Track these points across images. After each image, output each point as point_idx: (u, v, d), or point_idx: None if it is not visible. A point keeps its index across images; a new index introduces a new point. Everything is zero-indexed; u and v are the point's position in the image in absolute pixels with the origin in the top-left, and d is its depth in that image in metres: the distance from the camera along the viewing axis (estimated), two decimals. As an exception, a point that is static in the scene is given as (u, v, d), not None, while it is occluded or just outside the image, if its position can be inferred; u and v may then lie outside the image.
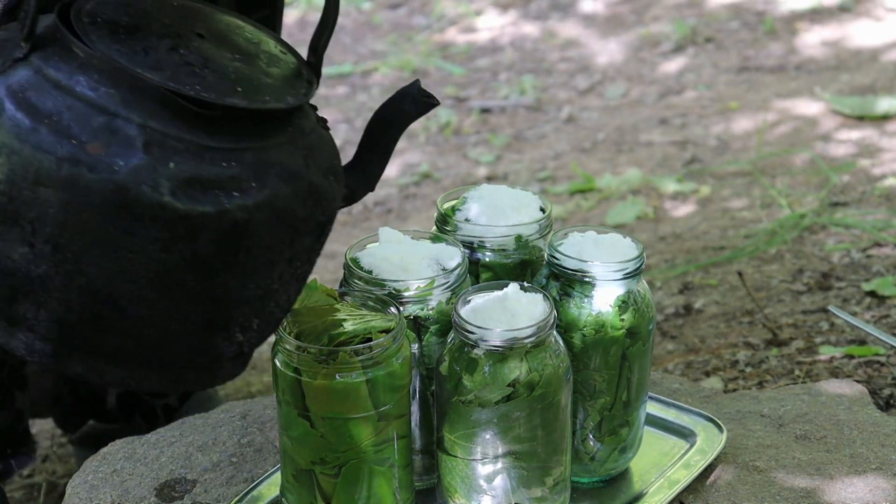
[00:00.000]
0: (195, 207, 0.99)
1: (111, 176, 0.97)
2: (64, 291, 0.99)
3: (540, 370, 1.16)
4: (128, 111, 0.99)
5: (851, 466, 1.34)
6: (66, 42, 1.00)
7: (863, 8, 3.60)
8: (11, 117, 0.98)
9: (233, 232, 1.01)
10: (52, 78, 0.99)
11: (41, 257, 0.98)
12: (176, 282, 1.00)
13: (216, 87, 1.02)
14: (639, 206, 2.59)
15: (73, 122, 0.98)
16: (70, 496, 1.35)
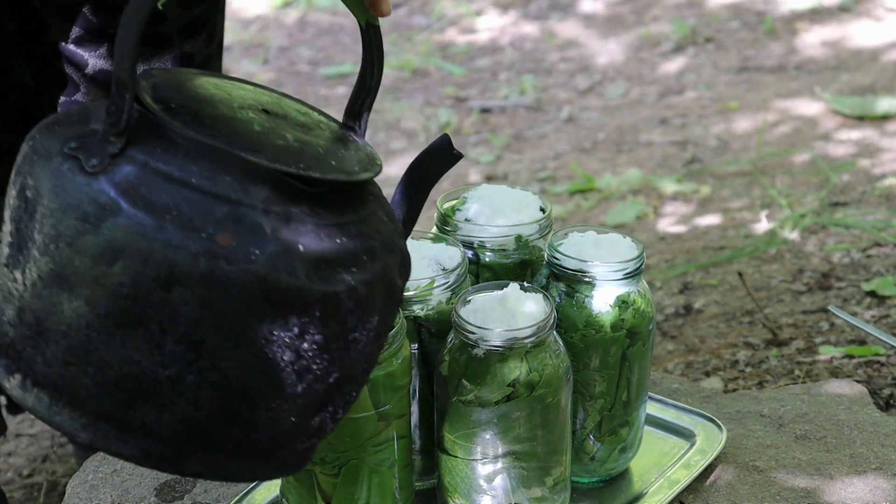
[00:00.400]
0: (328, 288, 0.96)
1: (249, 266, 0.93)
2: (195, 390, 0.95)
3: (540, 370, 1.16)
4: (247, 197, 0.95)
5: (851, 466, 1.34)
6: (163, 131, 0.96)
7: (863, 8, 3.60)
8: (132, 217, 0.92)
9: (357, 310, 0.99)
10: (163, 171, 0.94)
11: (172, 358, 0.94)
12: (306, 367, 0.97)
13: (315, 163, 1.00)
14: (639, 206, 2.59)
15: (196, 214, 0.93)
16: (70, 496, 1.35)
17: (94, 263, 0.93)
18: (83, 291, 0.93)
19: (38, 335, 0.96)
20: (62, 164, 0.95)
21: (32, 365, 0.97)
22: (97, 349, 0.94)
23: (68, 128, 0.99)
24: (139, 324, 0.93)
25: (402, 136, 3.27)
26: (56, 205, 0.94)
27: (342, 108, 1.16)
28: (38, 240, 0.95)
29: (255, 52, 3.86)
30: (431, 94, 3.54)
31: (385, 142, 3.24)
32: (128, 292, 0.93)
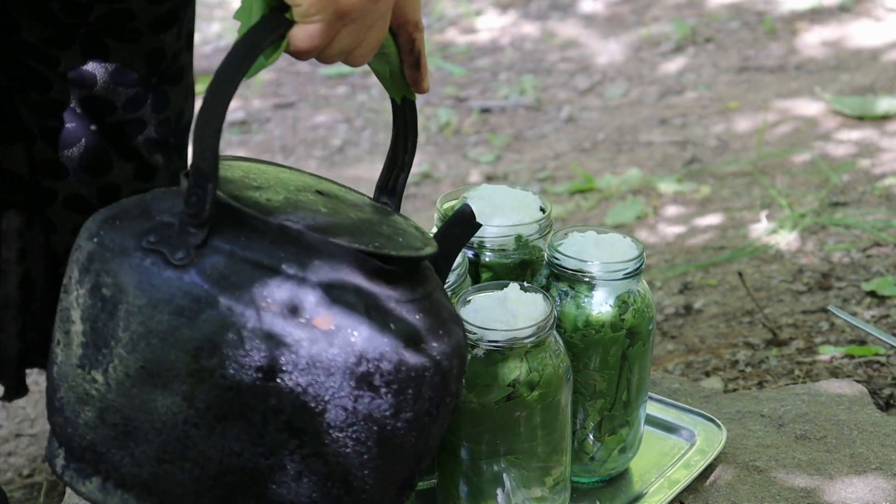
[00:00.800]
0: (420, 363, 0.96)
1: (351, 348, 0.92)
2: (296, 479, 0.94)
3: (540, 370, 1.16)
4: (337, 279, 0.94)
5: (851, 466, 1.34)
6: (240, 219, 0.95)
7: (863, 8, 3.60)
8: (229, 307, 0.91)
9: (441, 383, 0.99)
10: (251, 259, 0.93)
11: (274, 447, 0.93)
12: (399, 446, 0.97)
13: (387, 241, 1.00)
14: (639, 206, 2.59)
15: (291, 300, 0.93)
16: (70, 496, 1.35)
17: (192, 358, 0.91)
18: (180, 387, 0.92)
19: (125, 435, 0.94)
20: (143, 259, 0.93)
21: (118, 467, 0.95)
22: (196, 444, 0.93)
23: (133, 222, 0.97)
24: (241, 415, 0.92)
25: (402, 136, 3.27)
26: (144, 301, 0.92)
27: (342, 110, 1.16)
28: (125, 338, 0.93)
29: (255, 52, 3.86)
30: (431, 94, 3.54)
31: (385, 142, 3.25)
32: (229, 384, 0.92)
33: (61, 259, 1.61)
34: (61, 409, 0.98)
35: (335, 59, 1.04)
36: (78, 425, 0.97)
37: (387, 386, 0.94)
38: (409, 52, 1.10)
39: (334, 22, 0.99)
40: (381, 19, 1.03)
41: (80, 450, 0.97)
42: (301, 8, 0.98)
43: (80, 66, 1.48)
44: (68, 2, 1.43)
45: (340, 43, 1.01)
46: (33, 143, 1.53)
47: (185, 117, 1.61)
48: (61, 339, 0.99)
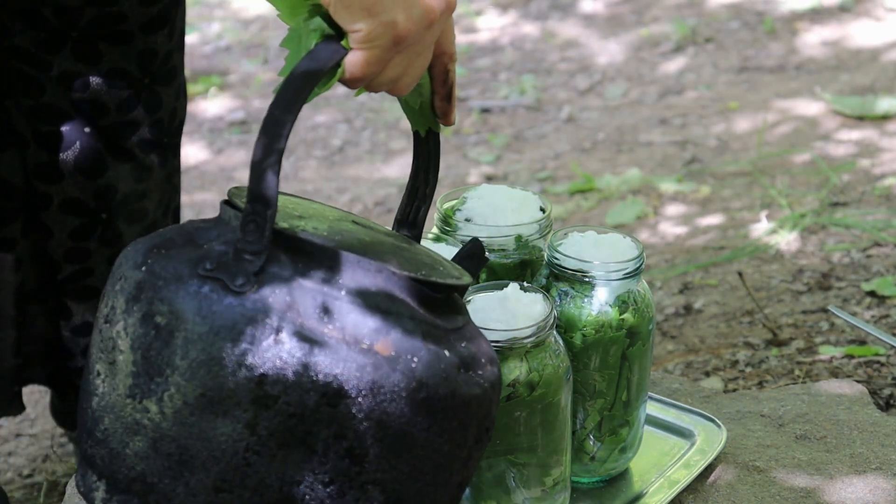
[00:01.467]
0: (471, 391, 0.96)
1: (412, 373, 0.92)
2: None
3: (540, 370, 1.16)
4: (394, 306, 0.95)
5: (851, 466, 1.34)
6: (296, 245, 0.95)
7: (863, 8, 3.60)
8: (293, 333, 0.91)
9: (488, 412, 1.00)
10: (311, 285, 0.94)
11: (335, 474, 0.92)
12: (449, 472, 0.97)
13: (431, 270, 1.01)
14: (639, 206, 2.59)
15: (353, 326, 0.93)
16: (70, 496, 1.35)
17: (256, 384, 0.91)
18: (242, 414, 0.91)
19: (180, 464, 0.93)
20: (201, 287, 0.93)
21: (170, 497, 0.94)
22: (256, 472, 0.92)
23: (182, 251, 0.97)
24: (303, 441, 0.92)
25: (402, 136, 3.27)
26: (204, 328, 0.92)
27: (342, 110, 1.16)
28: (182, 365, 0.92)
29: (255, 52, 3.86)
30: (431, 94, 3.53)
31: (385, 142, 3.24)
32: (293, 410, 0.91)
33: (59, 265, 1.60)
34: (105, 441, 0.97)
35: (383, 88, 1.04)
36: (126, 456, 0.96)
37: (443, 412, 0.95)
38: (443, 84, 1.10)
39: (390, 48, 0.99)
40: (427, 48, 1.04)
41: (127, 481, 0.96)
42: (360, 34, 0.98)
43: (73, 70, 1.48)
44: (60, 6, 1.43)
45: (392, 71, 1.02)
46: (26, 149, 1.53)
47: (177, 117, 1.61)
48: (103, 371, 0.97)
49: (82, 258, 1.60)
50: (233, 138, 3.35)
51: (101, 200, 1.57)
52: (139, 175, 1.58)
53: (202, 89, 3.60)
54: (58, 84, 1.49)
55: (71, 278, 1.62)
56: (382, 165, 3.11)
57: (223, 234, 0.98)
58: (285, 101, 0.95)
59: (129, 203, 1.59)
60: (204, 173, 3.17)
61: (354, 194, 2.91)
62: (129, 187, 1.58)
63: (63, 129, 1.52)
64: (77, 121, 1.51)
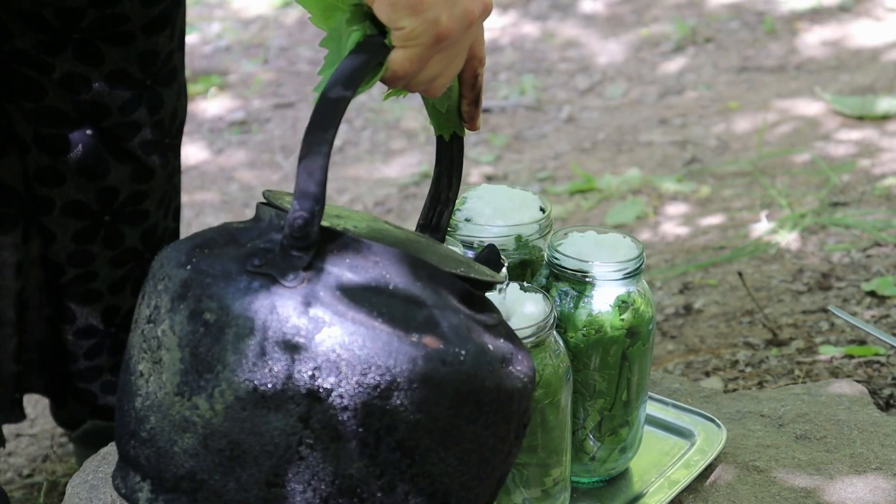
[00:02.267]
0: (513, 385, 0.98)
1: (461, 367, 0.93)
2: (404, 498, 0.95)
3: (540, 370, 1.16)
4: (440, 300, 0.96)
5: (851, 466, 1.34)
6: (343, 242, 0.96)
7: (863, 8, 3.60)
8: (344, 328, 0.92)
9: (527, 405, 1.01)
10: (361, 280, 0.95)
11: (386, 466, 0.93)
12: (492, 465, 0.98)
13: (468, 267, 1.02)
14: (639, 206, 2.59)
15: (403, 319, 0.94)
16: (70, 496, 1.35)
17: (310, 378, 0.92)
18: (296, 408, 0.92)
19: (231, 460, 0.94)
20: (251, 283, 0.94)
21: (220, 493, 0.94)
22: (309, 466, 0.93)
23: (226, 249, 0.98)
24: (355, 434, 0.92)
25: (402, 136, 3.27)
26: (257, 323, 0.92)
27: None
28: (233, 361, 0.92)
29: (255, 52, 3.86)
30: (431, 94, 3.53)
31: (385, 142, 3.25)
32: (346, 403, 0.92)
33: (62, 268, 1.60)
34: (151, 440, 0.97)
35: (420, 88, 1.05)
36: (174, 454, 0.96)
37: (489, 405, 0.96)
38: (472, 88, 1.11)
39: (432, 47, 1.00)
40: (464, 49, 1.05)
41: (175, 480, 0.96)
42: (404, 31, 0.99)
43: (75, 72, 1.48)
44: (61, 8, 1.43)
45: (430, 69, 1.03)
46: (27, 154, 1.53)
47: (178, 117, 1.60)
48: (146, 370, 0.98)
49: (86, 261, 1.60)
50: (233, 138, 3.35)
51: (104, 202, 1.57)
52: (141, 176, 1.58)
53: (202, 89, 3.60)
54: (60, 86, 1.49)
55: (74, 281, 1.62)
56: (382, 165, 3.11)
57: (264, 233, 0.99)
58: (332, 98, 0.96)
59: (130, 205, 1.59)
60: (204, 173, 3.17)
61: (354, 194, 2.91)
62: (131, 189, 1.57)
63: (65, 131, 1.51)
64: (79, 123, 1.51)
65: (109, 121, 1.52)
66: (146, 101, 1.53)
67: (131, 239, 1.61)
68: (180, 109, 1.60)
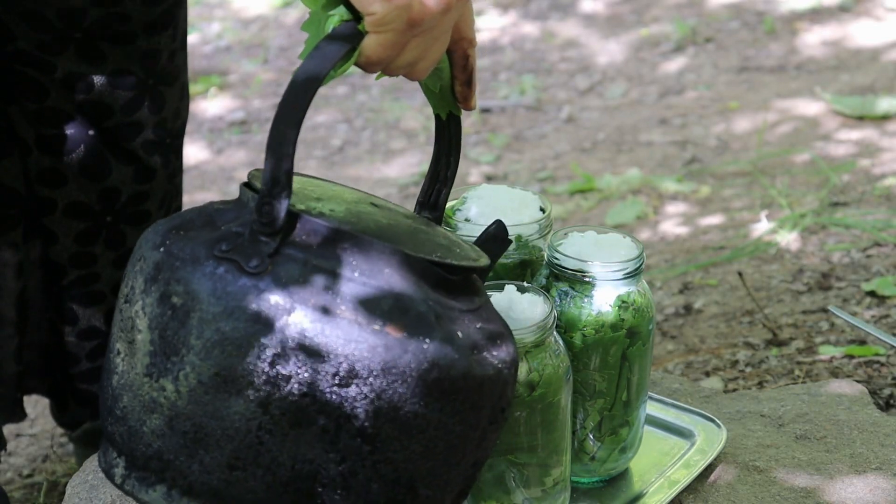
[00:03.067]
0: (484, 372, 0.97)
1: (423, 355, 0.93)
2: (366, 485, 0.95)
3: (540, 370, 1.16)
4: (407, 287, 0.96)
5: (851, 466, 1.34)
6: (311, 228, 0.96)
7: (863, 8, 3.60)
8: (306, 314, 0.92)
9: (502, 392, 1.00)
10: (325, 267, 0.94)
11: (347, 453, 0.94)
12: (462, 452, 0.98)
13: (448, 252, 1.02)
14: (639, 206, 2.59)
15: (366, 307, 0.94)
16: (70, 496, 1.35)
17: (269, 364, 0.92)
18: (255, 393, 0.92)
19: (195, 442, 0.94)
20: (217, 268, 0.94)
21: (186, 474, 0.95)
22: (269, 450, 0.93)
23: (200, 232, 0.98)
24: (315, 421, 0.93)
25: (402, 136, 3.27)
26: (219, 308, 0.93)
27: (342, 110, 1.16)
28: (197, 345, 0.93)
29: (255, 52, 3.86)
30: (431, 94, 3.53)
31: (385, 142, 3.25)
32: (305, 390, 0.92)
33: (64, 269, 1.60)
34: (124, 419, 0.98)
35: (400, 72, 1.05)
36: (143, 434, 0.97)
37: (455, 393, 0.95)
38: (463, 69, 1.11)
39: (405, 31, 1.00)
40: (444, 33, 1.05)
41: (145, 458, 0.97)
42: (376, 17, 0.99)
43: (77, 71, 1.48)
44: (63, 7, 1.43)
45: (408, 54, 1.03)
46: (28, 155, 1.53)
47: (180, 117, 1.60)
48: (122, 349, 0.99)
49: (88, 262, 1.60)
50: (233, 138, 3.35)
51: (106, 203, 1.56)
52: (142, 177, 1.57)
53: (202, 89, 3.60)
54: (62, 86, 1.48)
55: (76, 283, 1.61)
56: (382, 165, 3.11)
57: (241, 215, 0.99)
58: (301, 84, 0.96)
59: (132, 205, 1.59)
60: (204, 173, 3.17)
61: (354, 194, 2.90)
62: (133, 189, 1.57)
63: (67, 131, 1.51)
64: (81, 123, 1.51)
65: (111, 121, 1.52)
66: (148, 101, 1.53)
67: (133, 240, 1.61)
68: (182, 109, 1.60)
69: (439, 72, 1.11)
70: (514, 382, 1.03)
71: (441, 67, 1.11)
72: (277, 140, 0.95)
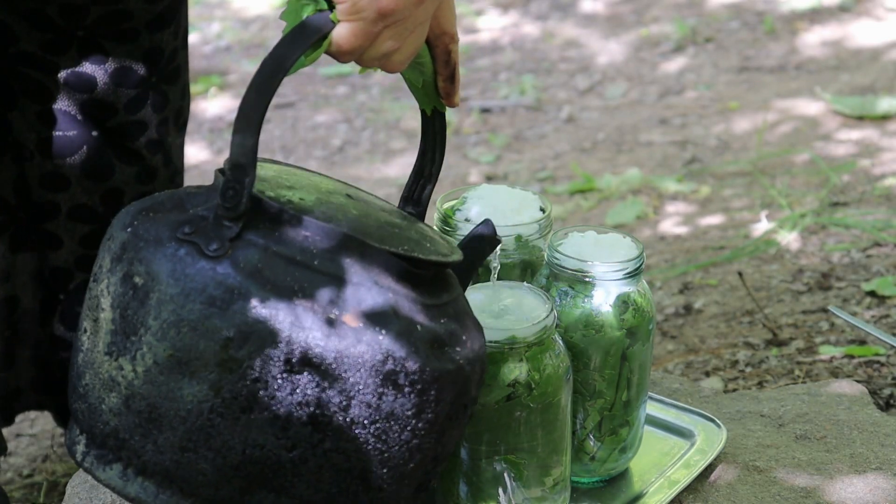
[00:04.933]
0: (444, 366, 0.97)
1: (378, 346, 0.94)
2: (316, 472, 0.95)
3: (540, 370, 1.16)
4: (368, 278, 0.96)
5: (851, 466, 1.34)
6: (275, 215, 0.96)
7: (863, 8, 3.60)
8: (260, 299, 0.93)
9: (463, 388, 1.00)
10: (285, 254, 0.95)
11: (297, 440, 0.94)
12: (418, 446, 0.98)
13: (416, 246, 1.02)
14: (639, 206, 2.59)
15: (323, 296, 0.94)
16: (70, 496, 1.35)
17: (221, 347, 0.93)
18: (207, 376, 0.93)
19: (149, 422, 0.95)
20: (178, 250, 0.95)
21: (140, 454, 0.96)
22: (220, 434, 0.94)
23: (168, 214, 0.99)
24: (266, 406, 0.93)
25: (402, 136, 3.27)
26: (176, 290, 0.93)
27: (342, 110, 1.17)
28: (154, 325, 0.94)
29: (255, 52, 3.86)
30: (431, 94, 3.53)
31: (385, 142, 3.25)
32: (257, 375, 0.93)
33: (70, 273, 1.59)
34: (85, 396, 0.99)
35: (374, 63, 1.05)
36: (102, 412, 0.98)
37: (410, 386, 0.95)
38: (445, 65, 1.11)
39: (376, 21, 1.00)
40: (420, 26, 1.05)
41: (103, 436, 0.98)
42: (346, 5, 1.00)
43: (80, 70, 1.47)
44: (65, 5, 1.42)
45: (381, 45, 1.03)
46: (29, 160, 1.52)
47: (182, 116, 1.60)
48: (89, 327, 1.00)
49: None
50: (233, 138, 3.35)
51: (109, 205, 1.56)
52: (145, 177, 1.57)
53: (202, 89, 3.60)
54: (65, 86, 1.48)
55: (84, 286, 1.61)
56: (382, 165, 3.11)
57: (210, 200, 1.00)
58: (268, 71, 0.96)
59: None
60: (204, 173, 3.17)
61: (354, 194, 2.90)
62: (136, 190, 1.57)
63: (70, 133, 1.51)
64: (84, 124, 1.51)
65: (115, 120, 1.52)
66: (151, 99, 1.53)
67: None
68: (185, 108, 1.60)
69: (421, 66, 1.11)
70: (479, 379, 1.03)
71: (423, 62, 1.11)
72: (242, 125, 0.95)
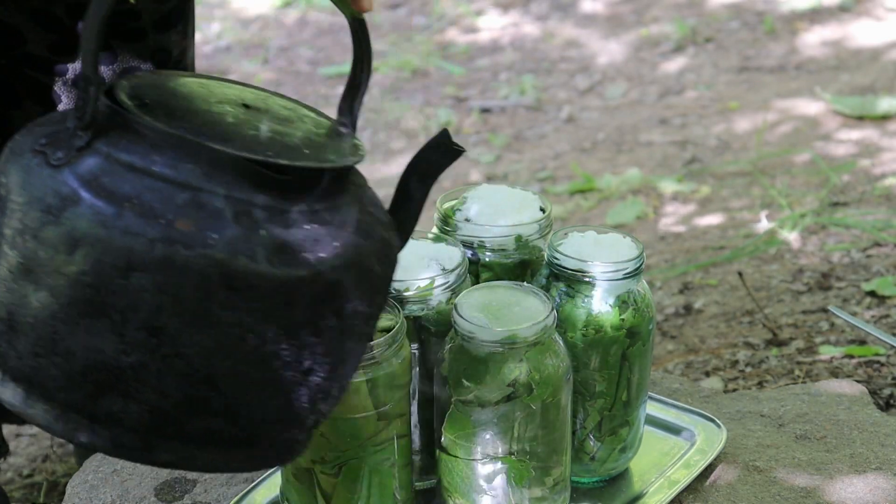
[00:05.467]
0: (292, 272, 0.96)
1: (207, 250, 0.94)
2: (159, 378, 0.95)
3: (540, 370, 1.16)
4: (210, 184, 0.96)
5: (851, 466, 1.34)
6: (129, 124, 0.97)
7: (863, 8, 3.60)
8: (91, 206, 0.94)
9: (325, 294, 0.99)
10: (125, 161, 0.96)
11: (134, 346, 0.94)
12: (272, 353, 0.98)
13: (286, 151, 1.01)
14: (639, 206, 2.59)
15: (157, 202, 0.94)
16: (70, 496, 1.35)
17: (55, 254, 0.94)
18: (47, 282, 0.95)
19: (10, 329, 0.97)
20: (31, 160, 0.97)
21: (7, 359, 0.98)
22: (63, 339, 0.95)
23: (46, 126, 1.00)
24: (101, 312, 0.94)
25: (402, 136, 3.27)
26: (23, 199, 0.96)
27: (342, 108, 1.16)
28: (8, 234, 0.96)
29: (255, 52, 3.86)
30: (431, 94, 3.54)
31: (385, 142, 3.25)
32: (89, 281, 0.94)
33: None
34: None
35: None
36: None
37: (247, 291, 0.95)
38: None
39: None
40: None
41: None
42: None
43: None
44: (73, 4, 1.42)
45: None
46: None
47: None
48: None
49: None
50: (233, 138, 3.35)
51: None
52: None
53: (202, 89, 3.60)
54: (72, 88, 1.48)
55: None
56: (382, 165, 3.11)
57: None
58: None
59: None
60: (204, 173, 3.17)
61: (354, 194, 2.90)
62: None
63: None
64: None
65: None
66: None
67: None
68: None
69: None
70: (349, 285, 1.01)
71: None
72: (85, 38, 0.97)
